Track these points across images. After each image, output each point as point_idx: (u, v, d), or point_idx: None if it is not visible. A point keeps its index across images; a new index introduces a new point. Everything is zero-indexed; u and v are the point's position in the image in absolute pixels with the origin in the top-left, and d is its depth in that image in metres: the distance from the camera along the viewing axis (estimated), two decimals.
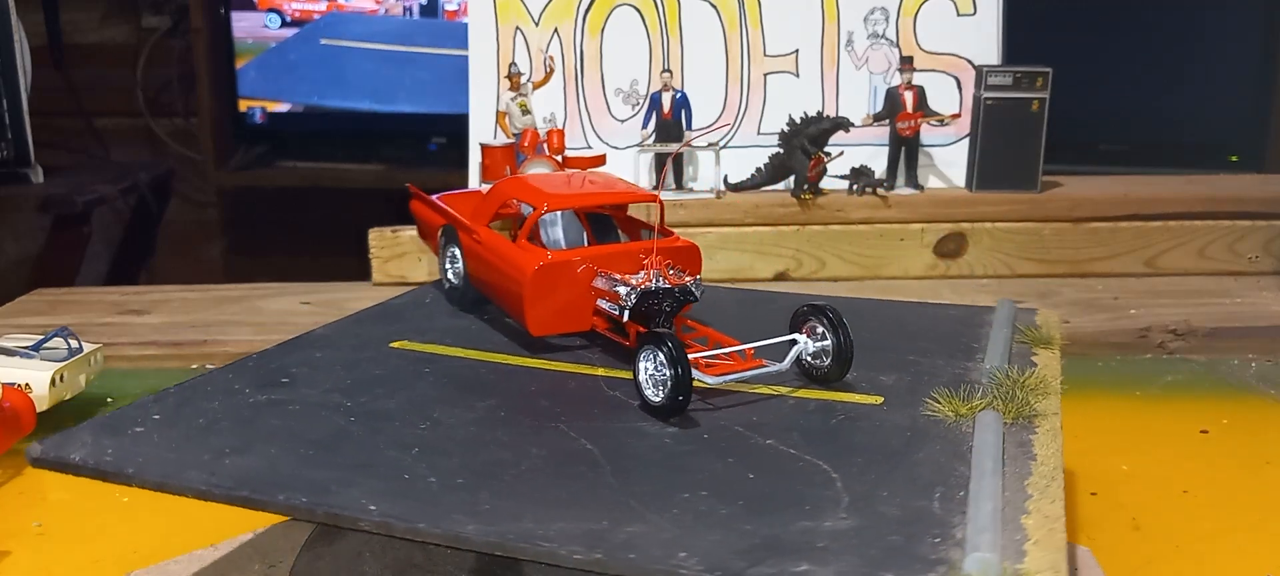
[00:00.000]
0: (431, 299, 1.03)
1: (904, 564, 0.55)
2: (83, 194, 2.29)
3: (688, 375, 0.71)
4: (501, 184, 0.96)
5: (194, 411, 0.73)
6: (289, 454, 0.67)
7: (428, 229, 1.08)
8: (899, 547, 0.57)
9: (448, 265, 1.02)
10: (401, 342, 0.89)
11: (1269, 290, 1.47)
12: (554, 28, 1.65)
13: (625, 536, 0.57)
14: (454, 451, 0.68)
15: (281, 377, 0.80)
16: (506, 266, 0.89)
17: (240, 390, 0.77)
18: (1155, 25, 2.18)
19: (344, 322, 0.96)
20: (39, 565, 0.81)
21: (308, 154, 2.66)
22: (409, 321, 0.96)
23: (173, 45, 2.69)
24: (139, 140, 2.75)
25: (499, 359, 0.86)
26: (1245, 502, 0.90)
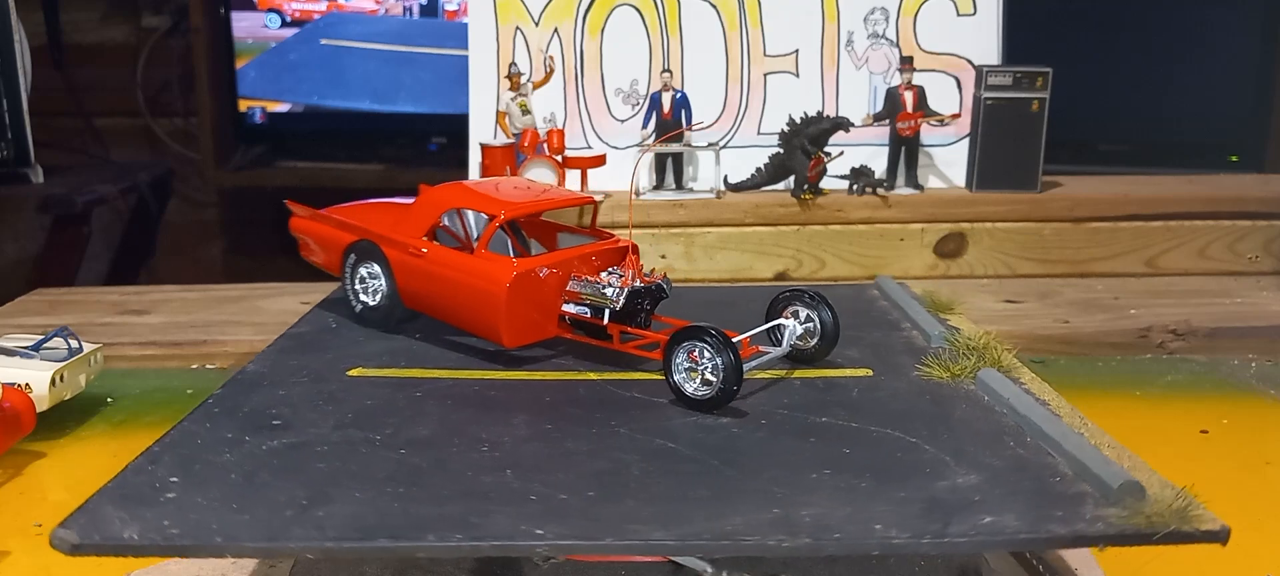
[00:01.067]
0: (337, 323, 0.97)
1: (1061, 504, 0.62)
2: (83, 194, 2.29)
3: (740, 364, 0.74)
4: (436, 193, 0.92)
5: (213, 468, 0.67)
6: (380, 495, 0.63)
7: (324, 247, 0.99)
8: (1036, 491, 0.63)
9: (358, 286, 0.95)
10: (359, 370, 0.85)
11: (1269, 290, 1.47)
12: (554, 28, 1.65)
13: (810, 519, 0.59)
14: (549, 467, 0.67)
15: (271, 420, 0.74)
16: (471, 279, 0.85)
17: (241, 439, 0.71)
18: (1155, 25, 2.18)
19: (266, 359, 0.88)
20: (39, 565, 0.81)
21: (308, 154, 2.66)
22: (337, 349, 0.90)
23: (173, 45, 2.69)
24: (139, 140, 2.75)
25: (481, 375, 0.83)
26: (1245, 502, 0.90)
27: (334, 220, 0.98)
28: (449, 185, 0.94)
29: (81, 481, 0.96)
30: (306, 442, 0.71)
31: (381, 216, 0.97)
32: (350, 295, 0.96)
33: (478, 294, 0.84)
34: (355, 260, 0.95)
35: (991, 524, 0.59)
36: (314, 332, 0.95)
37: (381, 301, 0.94)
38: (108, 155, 2.75)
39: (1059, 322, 1.32)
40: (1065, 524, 0.61)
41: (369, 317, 0.95)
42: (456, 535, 0.57)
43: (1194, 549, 0.83)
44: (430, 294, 0.89)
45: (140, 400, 1.16)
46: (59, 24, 2.63)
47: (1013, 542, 0.62)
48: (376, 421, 0.75)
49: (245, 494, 0.63)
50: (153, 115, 2.74)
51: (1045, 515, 0.61)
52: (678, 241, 1.54)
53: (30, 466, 0.98)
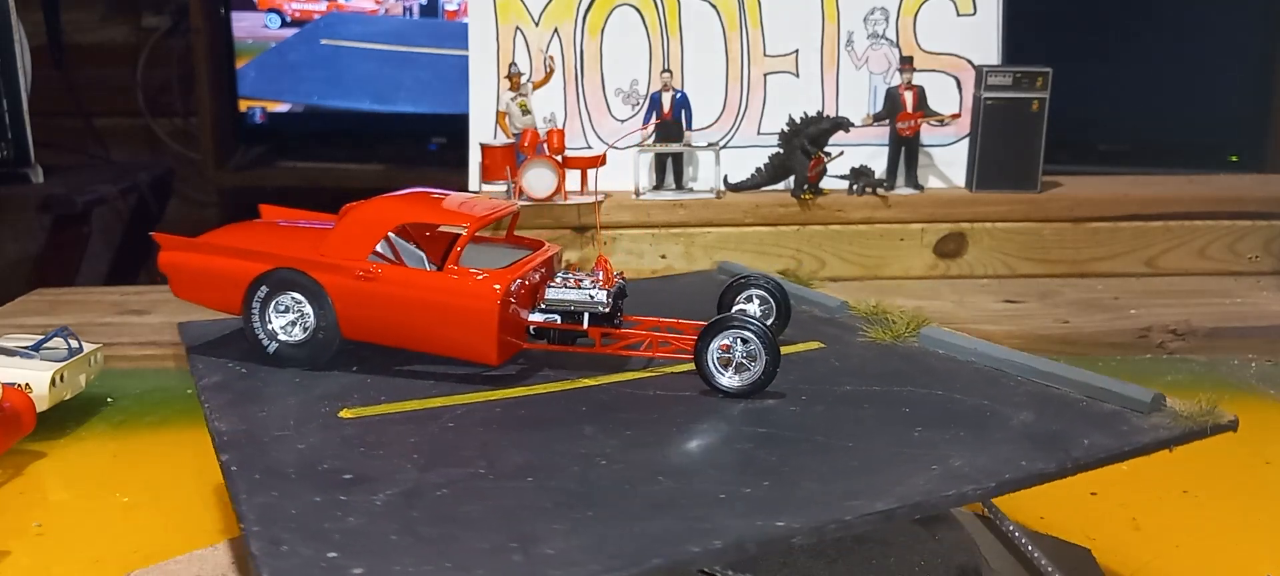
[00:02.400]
0: (247, 370, 0.83)
1: (1111, 422, 0.72)
2: (83, 194, 2.29)
3: (778, 348, 0.78)
4: (373, 211, 0.84)
5: (360, 537, 0.58)
6: (580, 521, 0.59)
7: (216, 282, 0.86)
8: (1080, 416, 0.73)
9: (273, 322, 0.83)
10: (353, 411, 0.75)
11: (1269, 290, 1.47)
12: (554, 28, 1.65)
13: (954, 474, 0.64)
14: (690, 467, 0.68)
15: (339, 474, 0.65)
16: (449, 297, 0.80)
17: (335, 499, 0.62)
18: (1155, 25, 2.18)
19: (223, 417, 0.74)
20: (39, 565, 0.81)
21: (308, 154, 2.66)
22: (287, 396, 0.78)
23: (173, 45, 2.69)
24: (139, 140, 2.75)
25: (486, 397, 0.78)
26: (1245, 502, 0.90)
27: (225, 249, 0.86)
28: (382, 201, 0.86)
29: (81, 481, 0.96)
30: (418, 488, 0.63)
31: (288, 240, 0.87)
32: (259, 334, 0.83)
33: (460, 312, 0.80)
34: (268, 293, 0.83)
35: (1089, 445, 0.68)
36: (235, 381, 0.81)
37: (311, 336, 0.83)
38: (108, 155, 2.75)
39: (1059, 322, 1.32)
40: (1135, 436, 0.71)
41: (291, 356, 0.83)
42: (716, 542, 0.56)
43: (1194, 548, 0.83)
44: (387, 318, 0.82)
45: (140, 400, 1.16)
46: (59, 24, 2.63)
47: (1116, 455, 0.69)
48: (453, 455, 0.68)
49: (442, 551, 0.56)
50: (153, 115, 2.74)
51: (1112, 432, 0.70)
52: (678, 241, 1.54)
53: (30, 466, 0.98)
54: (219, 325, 0.91)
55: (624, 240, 1.54)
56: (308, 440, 0.71)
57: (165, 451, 1.03)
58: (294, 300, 0.84)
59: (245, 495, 0.62)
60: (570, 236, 1.53)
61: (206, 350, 0.87)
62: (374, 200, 0.86)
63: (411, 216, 0.88)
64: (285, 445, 0.70)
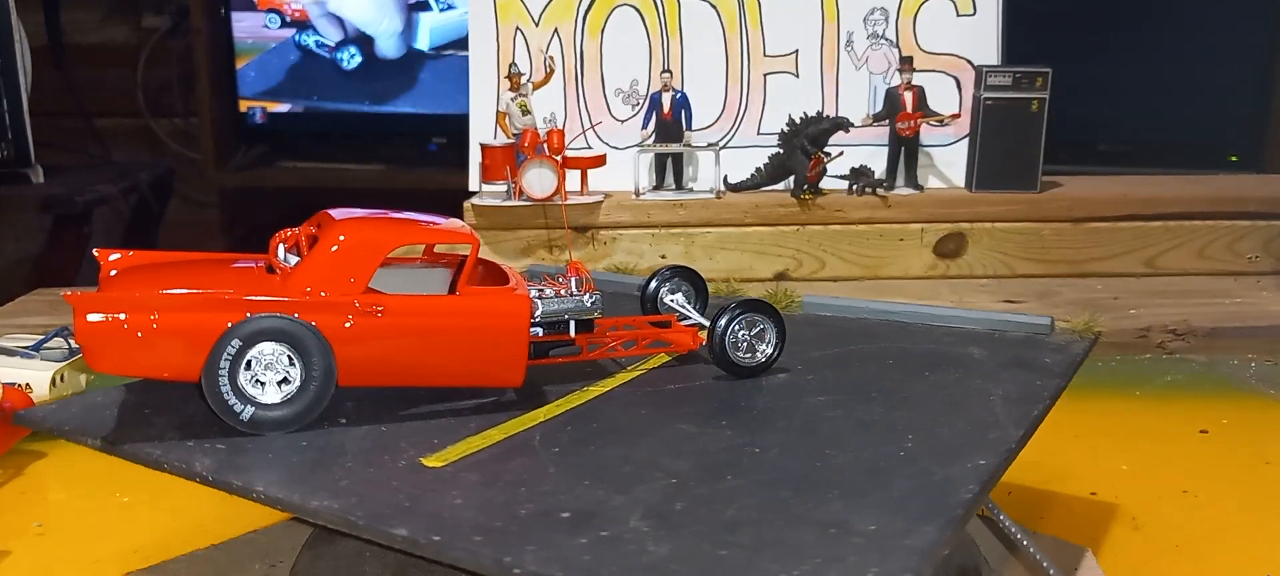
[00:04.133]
0: (222, 444, 0.68)
1: (1037, 348, 0.87)
2: (83, 194, 2.29)
3: (783, 323, 0.84)
4: (363, 235, 0.74)
5: (690, 554, 0.57)
6: (849, 494, 0.62)
7: (167, 344, 0.68)
8: (1021, 342, 0.89)
9: (244, 382, 0.69)
10: (439, 458, 0.66)
11: (1269, 290, 1.47)
12: (554, 28, 1.65)
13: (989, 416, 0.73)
14: (825, 455, 0.70)
15: (560, 514, 0.60)
16: (473, 320, 0.73)
17: (596, 535, 0.58)
18: (1155, 25, 2.18)
19: (317, 499, 0.62)
20: (39, 565, 0.81)
21: (308, 154, 2.66)
22: (335, 462, 0.66)
23: (173, 45, 2.69)
24: (139, 140, 2.75)
25: (545, 415, 0.75)
26: (1245, 502, 0.90)
27: (171, 302, 0.69)
28: (368, 226, 0.76)
29: (81, 481, 0.96)
30: (654, 508, 0.60)
31: (239, 281, 0.76)
32: (228, 399, 0.69)
33: (488, 334, 0.74)
34: (241, 346, 0.69)
35: (1050, 364, 0.82)
36: (243, 458, 0.67)
37: (300, 391, 0.70)
38: (108, 155, 2.75)
39: (1059, 322, 1.32)
40: (1067, 353, 0.86)
41: (271, 420, 0.70)
42: (970, 486, 0.62)
43: (1194, 548, 0.83)
44: (398, 355, 0.73)
45: None
46: (59, 24, 2.63)
47: (1073, 364, 0.82)
48: (626, 474, 0.65)
49: (766, 553, 0.56)
50: (153, 115, 2.74)
51: (1057, 354, 0.85)
52: (678, 241, 1.54)
53: (30, 466, 0.98)
54: (75, 403, 0.77)
55: (624, 240, 1.54)
56: (466, 496, 0.62)
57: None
58: (275, 351, 0.70)
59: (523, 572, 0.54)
60: (570, 236, 1.53)
61: (129, 433, 0.71)
62: (354, 225, 0.75)
63: (406, 239, 0.78)
64: (454, 507, 0.61)
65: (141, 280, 0.76)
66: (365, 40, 2.60)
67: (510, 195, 1.52)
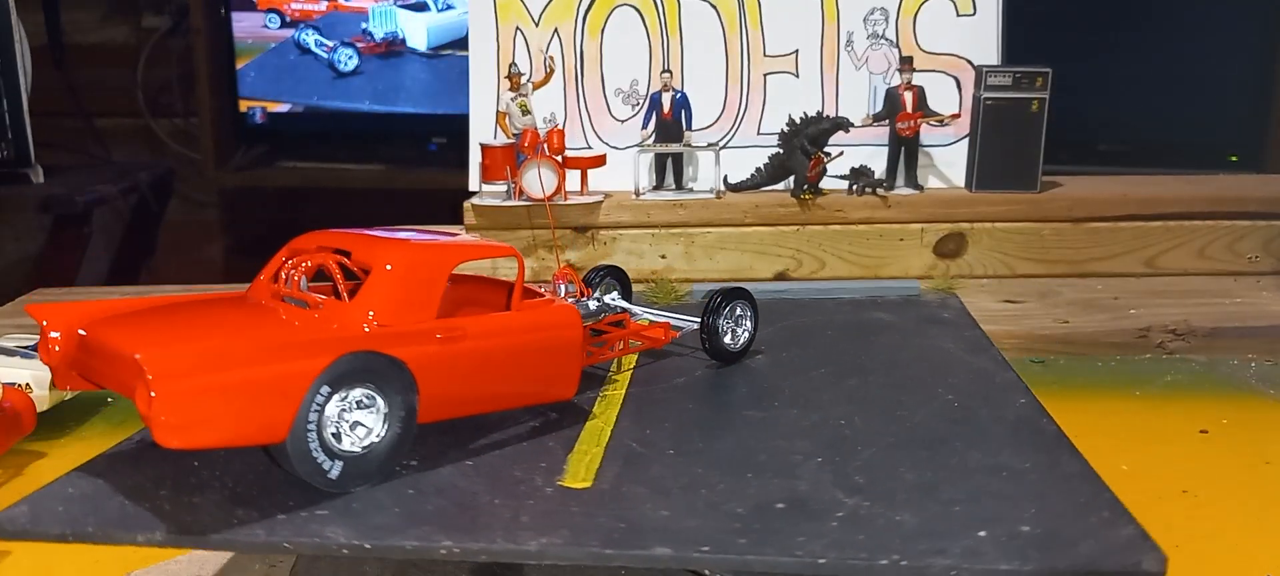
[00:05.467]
0: (360, 503, 0.61)
1: (916, 303, 1.08)
2: (83, 194, 2.29)
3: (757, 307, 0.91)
4: (426, 257, 0.68)
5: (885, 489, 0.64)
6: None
7: (254, 403, 0.58)
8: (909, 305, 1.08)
9: (330, 435, 0.61)
10: (573, 480, 0.64)
11: (1269, 290, 1.47)
12: (554, 28, 1.65)
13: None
14: (893, 434, 0.74)
15: (776, 505, 0.62)
16: (538, 335, 0.70)
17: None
18: (1155, 25, 2.18)
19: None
20: (39, 565, 0.81)
21: (308, 154, 2.66)
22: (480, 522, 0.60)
23: (173, 45, 2.69)
24: (139, 140, 2.75)
25: (606, 422, 0.74)
26: (1245, 502, 0.90)
27: (247, 354, 0.59)
28: (423, 250, 0.70)
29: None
30: (852, 516, 0.60)
31: (262, 320, 0.66)
32: (316, 457, 0.60)
33: (552, 347, 0.72)
34: (329, 393, 0.60)
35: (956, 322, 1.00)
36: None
37: (385, 437, 0.63)
38: (108, 155, 2.75)
39: (1058, 322, 1.32)
40: (952, 306, 1.06)
41: (358, 474, 0.62)
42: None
43: (1194, 548, 0.83)
44: (473, 382, 0.67)
45: None
46: (59, 24, 2.63)
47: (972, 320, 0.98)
48: (766, 469, 0.66)
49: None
50: (153, 115, 2.74)
51: (946, 309, 1.05)
52: (677, 241, 1.54)
53: (30, 466, 0.98)
54: (50, 495, 0.68)
55: (624, 240, 1.54)
56: (658, 506, 0.60)
57: None
58: (362, 396, 0.62)
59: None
60: (570, 236, 1.53)
61: (187, 519, 0.61)
62: (413, 248, 0.68)
63: (463, 257, 0.72)
64: (662, 519, 0.59)
65: (161, 334, 0.63)
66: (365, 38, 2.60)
67: (510, 195, 1.52)
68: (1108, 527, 0.58)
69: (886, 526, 0.59)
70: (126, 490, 0.65)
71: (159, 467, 0.66)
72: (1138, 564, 0.55)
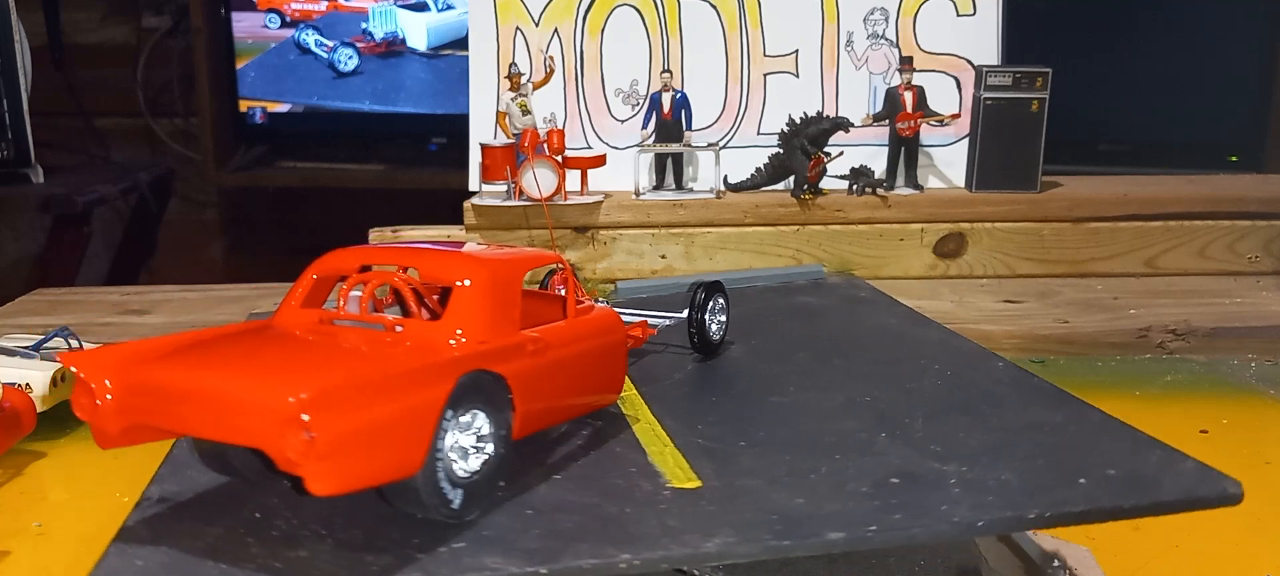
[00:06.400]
0: (490, 530, 0.57)
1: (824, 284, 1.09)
2: (83, 194, 2.29)
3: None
4: (498, 271, 0.64)
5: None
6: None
7: (396, 435, 0.54)
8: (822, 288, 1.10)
9: (454, 456, 0.58)
10: (680, 481, 0.63)
11: (1269, 290, 1.47)
12: (554, 28, 1.65)
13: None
14: (919, 405, 0.76)
15: (890, 486, 0.62)
16: (600, 339, 0.70)
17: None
18: (1155, 25, 2.18)
19: None
20: (39, 565, 0.81)
21: (308, 154, 2.66)
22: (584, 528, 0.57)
23: (173, 45, 2.69)
24: (139, 140, 2.75)
25: (650, 424, 0.73)
26: (1245, 502, 0.90)
27: (380, 379, 0.54)
28: (498, 263, 0.66)
29: (81, 481, 0.96)
30: (966, 481, 0.63)
31: (344, 343, 0.61)
32: (443, 488, 0.56)
33: (607, 352, 0.71)
34: (452, 415, 0.57)
35: (874, 299, 1.06)
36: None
37: (491, 458, 0.59)
38: (108, 155, 2.75)
39: (1058, 323, 1.32)
40: (865, 286, 1.11)
41: (474, 502, 0.58)
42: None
43: (1194, 548, 0.83)
44: (555, 395, 0.66)
45: None
46: (59, 24, 2.63)
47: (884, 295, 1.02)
48: (844, 448, 0.68)
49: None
50: (153, 115, 2.74)
51: (859, 288, 1.12)
52: (677, 241, 1.54)
53: (30, 466, 0.98)
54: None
55: (624, 240, 1.54)
56: (790, 496, 0.60)
57: (166, 450, 1.03)
58: (475, 417, 0.58)
59: None
60: (570, 236, 1.53)
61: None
62: (481, 263, 0.65)
63: (527, 268, 0.69)
64: (798, 507, 0.58)
65: (274, 370, 0.58)
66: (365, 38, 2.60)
67: (510, 195, 1.52)
68: (1174, 464, 0.64)
69: (998, 486, 0.61)
70: (207, 551, 0.58)
71: (220, 523, 0.60)
72: (1224, 490, 0.62)
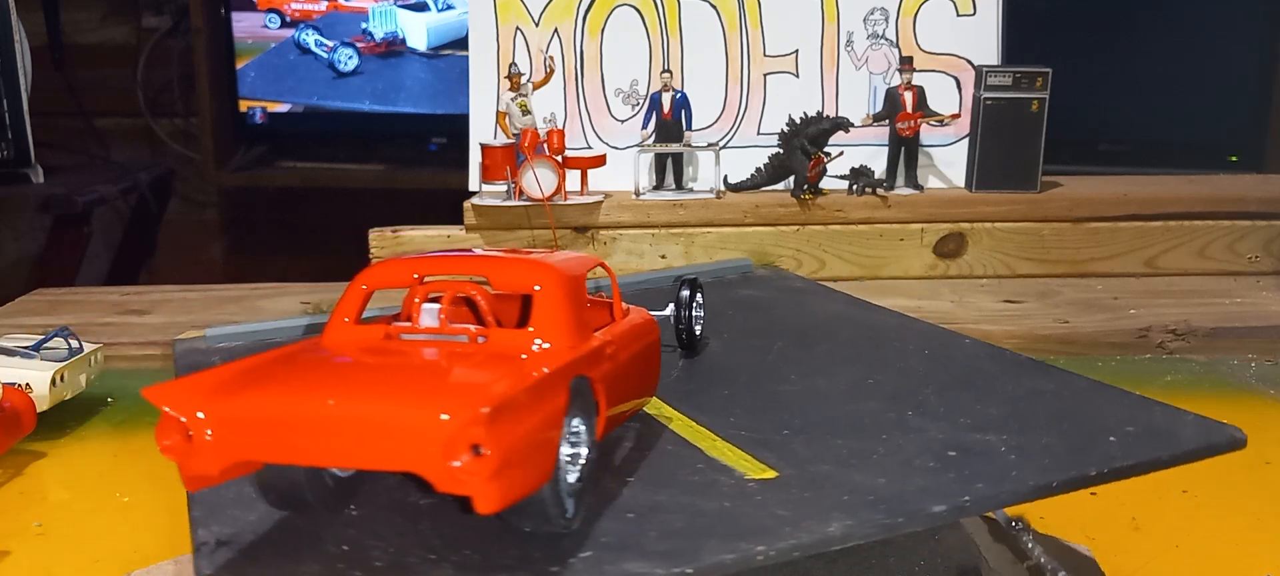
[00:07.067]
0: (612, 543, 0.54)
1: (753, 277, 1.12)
2: (83, 194, 2.29)
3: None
4: (568, 274, 0.63)
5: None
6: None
7: (540, 449, 0.53)
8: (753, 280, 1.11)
9: (569, 463, 0.56)
10: (755, 472, 0.62)
11: (1269, 290, 1.47)
12: (554, 28, 1.65)
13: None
14: (924, 385, 0.77)
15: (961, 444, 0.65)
16: (648, 339, 0.70)
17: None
18: (1155, 25, 2.18)
19: None
20: (39, 565, 0.81)
21: (308, 154, 2.66)
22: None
23: (173, 45, 2.69)
24: (139, 140, 2.75)
25: (685, 420, 0.72)
26: (1245, 502, 0.90)
27: (521, 388, 0.52)
28: (568, 264, 0.66)
29: (81, 481, 0.96)
30: (1014, 446, 0.66)
31: (487, 351, 0.59)
32: (566, 500, 0.55)
33: (652, 353, 0.70)
34: (566, 422, 0.56)
35: (807, 287, 1.06)
36: None
37: (587, 464, 0.58)
38: (108, 155, 2.75)
39: (1058, 323, 1.32)
40: (794, 275, 1.12)
41: (579, 507, 0.57)
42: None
43: (1194, 548, 0.83)
44: (624, 397, 0.65)
45: (140, 400, 1.15)
46: (59, 24, 2.63)
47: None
48: (890, 429, 0.69)
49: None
50: (153, 115, 2.74)
51: (790, 278, 1.11)
52: (677, 241, 1.54)
53: (30, 466, 0.98)
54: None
55: (624, 240, 1.54)
56: (863, 480, 0.60)
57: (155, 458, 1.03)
58: (577, 422, 0.58)
59: None
60: (570, 236, 1.53)
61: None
62: (560, 267, 0.64)
63: (587, 267, 0.68)
64: (880, 485, 0.59)
65: (416, 388, 0.55)
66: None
67: (510, 195, 1.52)
68: (1178, 418, 0.69)
69: (1043, 450, 0.64)
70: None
71: (311, 560, 0.56)
72: (1231, 436, 0.67)
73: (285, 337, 0.92)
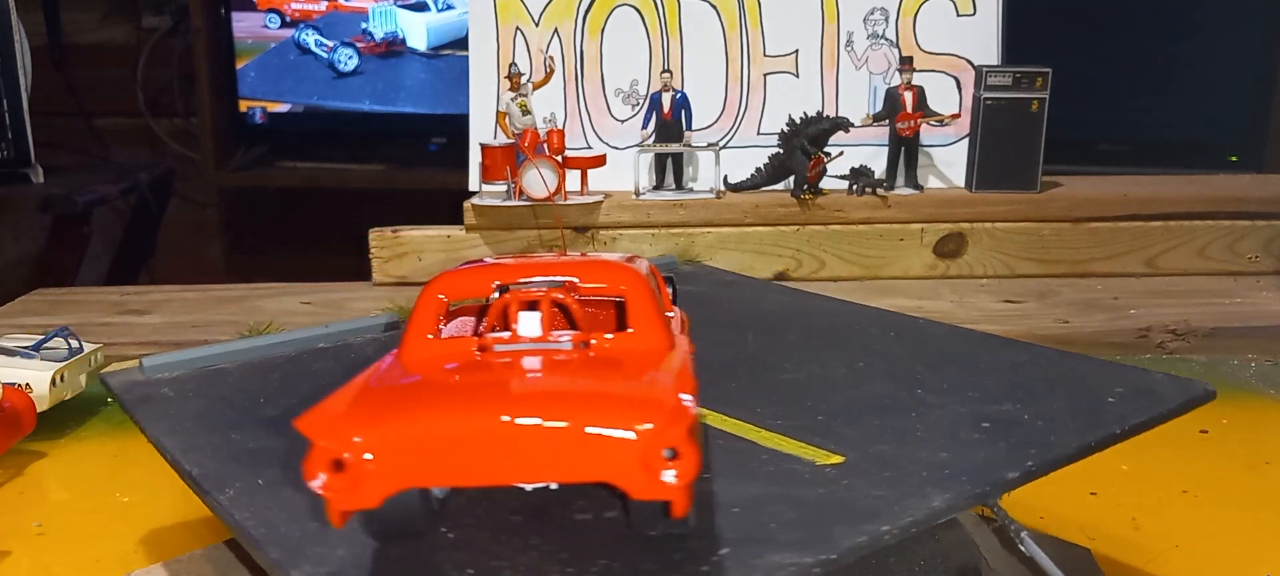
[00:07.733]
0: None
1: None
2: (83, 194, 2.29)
3: None
4: (640, 272, 0.63)
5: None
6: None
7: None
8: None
9: None
10: (822, 458, 0.61)
11: (1269, 290, 1.47)
12: (554, 28, 1.65)
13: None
14: (920, 366, 0.77)
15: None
16: (688, 337, 0.68)
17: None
18: (1155, 25, 2.18)
19: None
20: (39, 565, 0.81)
21: (308, 154, 2.66)
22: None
23: (173, 45, 2.69)
24: (139, 140, 2.75)
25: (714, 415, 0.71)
26: (1245, 502, 0.90)
27: (672, 388, 0.52)
28: (629, 264, 0.64)
29: (81, 481, 0.96)
30: (1042, 414, 0.67)
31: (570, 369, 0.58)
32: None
33: (691, 350, 0.69)
34: None
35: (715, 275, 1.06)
36: None
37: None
38: (108, 155, 2.75)
39: (1059, 323, 1.32)
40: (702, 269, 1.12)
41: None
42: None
43: (1194, 548, 0.83)
44: (696, 393, 0.64)
45: None
46: (59, 24, 2.63)
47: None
48: (918, 410, 0.69)
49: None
50: (153, 115, 2.74)
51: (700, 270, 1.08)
52: (678, 241, 1.54)
53: (30, 466, 0.98)
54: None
55: (624, 240, 1.54)
56: (924, 457, 0.61)
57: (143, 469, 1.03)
58: None
59: None
60: (570, 236, 1.53)
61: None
62: (631, 270, 0.63)
63: (644, 264, 0.67)
64: (941, 461, 0.60)
65: (590, 400, 0.53)
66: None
67: (510, 195, 1.52)
68: (1150, 379, 0.72)
69: (1057, 415, 0.66)
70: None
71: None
72: (1203, 390, 0.70)
73: (227, 362, 0.85)
